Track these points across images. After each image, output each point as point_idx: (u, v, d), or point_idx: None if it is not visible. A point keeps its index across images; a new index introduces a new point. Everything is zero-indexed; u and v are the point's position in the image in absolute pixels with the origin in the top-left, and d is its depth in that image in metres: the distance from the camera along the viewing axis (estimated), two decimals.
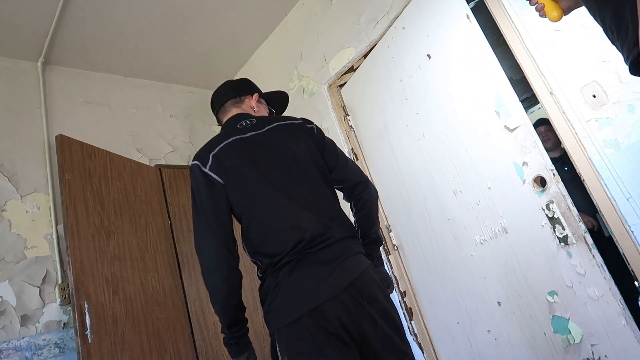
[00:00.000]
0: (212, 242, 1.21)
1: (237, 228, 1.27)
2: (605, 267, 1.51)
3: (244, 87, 1.52)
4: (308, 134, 1.37)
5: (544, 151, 1.66)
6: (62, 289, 2.11)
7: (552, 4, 0.99)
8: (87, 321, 1.71)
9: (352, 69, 2.54)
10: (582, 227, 1.55)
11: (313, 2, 2.77)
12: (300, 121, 1.41)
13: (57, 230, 2.23)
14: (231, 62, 3.24)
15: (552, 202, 1.60)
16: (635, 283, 1.53)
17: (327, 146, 1.39)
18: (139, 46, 2.79)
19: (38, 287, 2.08)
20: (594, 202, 1.60)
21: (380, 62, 2.31)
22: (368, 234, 1.36)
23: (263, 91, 1.57)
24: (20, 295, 2.02)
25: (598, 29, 1.57)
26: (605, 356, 1.51)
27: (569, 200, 1.58)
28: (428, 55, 2.04)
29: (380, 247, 1.41)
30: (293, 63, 2.90)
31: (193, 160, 1.29)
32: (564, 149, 1.84)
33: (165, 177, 2.39)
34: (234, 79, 1.59)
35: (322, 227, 1.18)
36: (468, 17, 1.85)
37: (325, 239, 1.17)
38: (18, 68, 2.54)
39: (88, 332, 1.70)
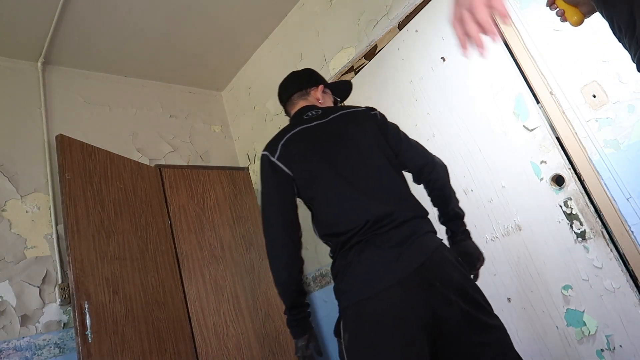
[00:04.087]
0: (276, 229, 1.27)
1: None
2: (622, 261, 1.55)
3: (309, 79, 1.56)
4: (372, 120, 1.40)
5: (562, 151, 1.70)
6: (62, 289, 2.11)
7: (572, 9, 0.99)
8: (87, 321, 1.71)
9: (352, 69, 2.54)
10: (600, 222, 1.60)
11: (313, 2, 2.77)
12: (364, 108, 1.44)
13: (57, 230, 2.23)
14: (231, 62, 3.24)
15: (570, 199, 1.66)
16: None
17: (390, 130, 1.41)
18: (139, 46, 2.79)
19: (38, 287, 2.08)
20: (594, 202, 1.61)
21: (388, 63, 2.34)
22: (446, 211, 1.37)
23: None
24: (20, 295, 2.02)
25: (598, 29, 1.58)
26: (621, 346, 1.54)
27: (587, 197, 1.63)
28: (442, 58, 2.09)
29: (464, 220, 1.39)
30: (293, 63, 2.90)
31: (263, 151, 1.36)
32: None
33: (165, 177, 2.39)
34: (298, 70, 1.63)
35: (389, 209, 1.19)
36: None
37: (392, 219, 1.17)
38: (18, 68, 2.54)
39: (88, 332, 1.70)
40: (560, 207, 1.69)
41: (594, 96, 1.62)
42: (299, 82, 1.54)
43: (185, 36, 2.82)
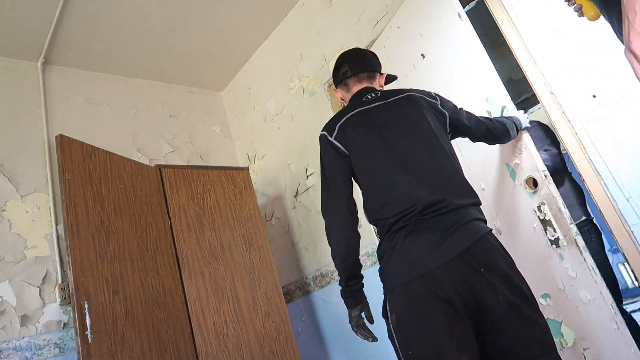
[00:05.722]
0: (335, 205, 1.32)
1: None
2: (596, 271, 1.46)
3: (379, 64, 1.56)
4: (431, 104, 1.40)
5: (535, 152, 1.61)
6: (62, 289, 2.11)
7: (589, 4, 1.00)
8: (87, 321, 1.71)
9: None
10: (574, 229, 1.50)
11: (313, 2, 2.77)
12: (424, 93, 1.44)
13: (57, 230, 2.23)
14: (231, 62, 3.24)
15: (544, 204, 1.56)
16: (636, 283, 1.53)
17: (449, 110, 1.43)
18: (139, 46, 2.79)
19: (38, 287, 2.08)
20: (594, 202, 1.60)
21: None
22: (501, 138, 1.52)
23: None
24: (20, 295, 2.02)
25: (598, 29, 1.58)
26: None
27: (560, 202, 1.53)
28: (422, 55, 2.01)
29: (513, 125, 1.55)
30: (293, 63, 2.90)
31: (322, 131, 1.39)
32: None
33: (165, 177, 2.39)
34: (367, 49, 1.59)
35: (440, 196, 1.19)
36: (460, 16, 1.81)
37: (442, 206, 1.18)
38: (18, 68, 2.54)
39: (88, 332, 1.69)
40: (535, 212, 1.59)
41: (594, 96, 1.62)
42: (371, 63, 1.53)
43: (185, 36, 2.82)
